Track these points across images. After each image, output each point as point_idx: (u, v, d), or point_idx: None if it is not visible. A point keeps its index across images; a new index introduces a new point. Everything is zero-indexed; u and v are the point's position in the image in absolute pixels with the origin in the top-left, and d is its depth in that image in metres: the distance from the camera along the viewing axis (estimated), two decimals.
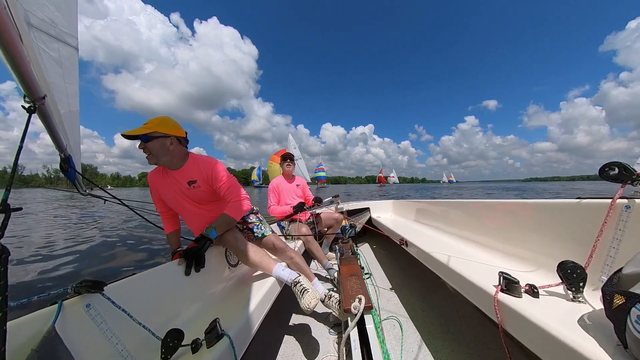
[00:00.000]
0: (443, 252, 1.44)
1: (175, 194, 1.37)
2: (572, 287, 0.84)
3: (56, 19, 1.16)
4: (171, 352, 0.82)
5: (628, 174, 0.89)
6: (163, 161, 1.29)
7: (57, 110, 1.27)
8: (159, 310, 1.04)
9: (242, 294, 1.35)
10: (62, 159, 1.44)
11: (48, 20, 1.13)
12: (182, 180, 1.34)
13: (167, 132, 1.25)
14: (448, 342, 1.38)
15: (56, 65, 1.24)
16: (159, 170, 1.38)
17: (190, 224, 1.48)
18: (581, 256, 0.95)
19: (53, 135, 1.24)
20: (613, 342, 0.62)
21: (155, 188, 1.41)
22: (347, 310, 1.09)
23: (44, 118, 1.10)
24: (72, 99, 1.40)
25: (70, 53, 1.29)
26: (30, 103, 0.94)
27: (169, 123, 1.29)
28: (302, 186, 2.89)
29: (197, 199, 1.40)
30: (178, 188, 1.36)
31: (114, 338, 0.84)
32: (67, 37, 1.24)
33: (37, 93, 0.94)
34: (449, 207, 2.18)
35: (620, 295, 0.58)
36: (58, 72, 1.26)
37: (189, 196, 1.38)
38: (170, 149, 1.26)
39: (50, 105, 1.11)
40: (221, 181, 1.37)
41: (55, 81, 1.25)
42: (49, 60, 1.19)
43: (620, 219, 0.93)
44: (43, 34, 1.13)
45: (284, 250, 1.59)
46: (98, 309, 0.83)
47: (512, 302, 0.84)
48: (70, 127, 1.44)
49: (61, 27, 1.20)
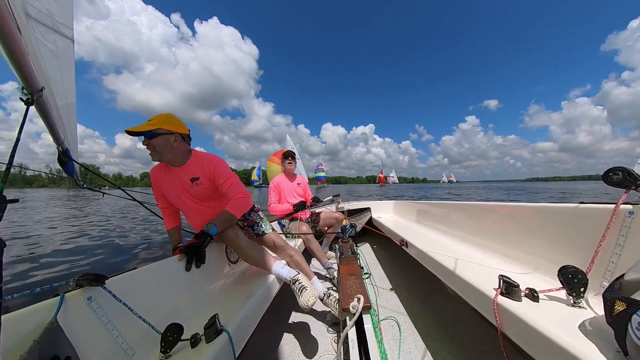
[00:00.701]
0: (443, 254, 1.43)
1: (177, 191, 1.38)
2: (572, 292, 0.83)
3: (52, 9, 1.14)
4: (171, 346, 0.82)
5: (632, 180, 0.88)
6: (167, 158, 1.29)
7: (55, 102, 1.26)
8: (159, 305, 1.05)
9: (241, 290, 1.35)
10: (60, 152, 1.45)
11: (45, 11, 1.10)
12: (184, 177, 1.35)
13: (172, 129, 1.26)
14: (446, 344, 1.38)
15: (53, 57, 1.22)
16: (161, 167, 1.38)
17: (192, 220, 1.49)
18: (582, 261, 0.94)
19: (51, 128, 1.23)
20: (613, 349, 0.61)
21: (157, 184, 1.42)
22: (345, 309, 1.09)
23: (42, 110, 1.09)
24: (69, 91, 1.39)
25: (66, 44, 1.27)
26: (28, 95, 0.92)
27: (173, 120, 1.29)
28: (303, 185, 2.87)
29: (199, 196, 1.40)
30: (180, 185, 1.36)
31: (115, 331, 0.84)
32: (63, 28, 1.21)
33: (35, 85, 0.92)
34: (450, 208, 2.18)
35: (622, 302, 0.58)
36: (55, 64, 1.24)
37: (191, 193, 1.39)
38: (174, 145, 1.27)
39: (49, 97, 1.10)
40: (223, 178, 1.37)
41: (52, 73, 1.23)
42: (46, 51, 1.17)
43: (623, 225, 0.92)
44: (40, 25, 1.09)
45: (284, 248, 1.59)
46: (99, 302, 0.84)
47: (511, 305, 0.84)
48: (67, 120, 1.44)
49: (57, 18, 1.17)
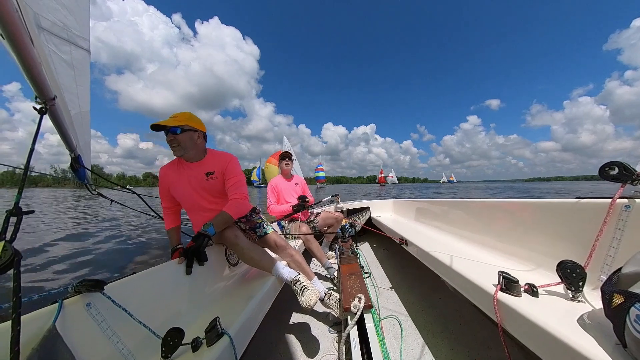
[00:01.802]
0: (443, 252, 1.44)
1: (190, 187, 1.41)
2: (571, 286, 0.84)
3: (69, 22, 1.19)
4: (171, 350, 0.82)
5: (628, 174, 0.88)
6: (189, 154, 1.37)
7: (67, 111, 1.29)
8: (159, 309, 1.04)
9: (242, 292, 1.35)
10: (73, 159, 1.47)
11: (60, 24, 1.15)
12: (200, 171, 1.41)
13: (196, 127, 1.36)
14: (447, 341, 1.38)
15: (67, 67, 1.27)
16: (174, 164, 1.43)
17: (197, 218, 1.50)
18: (581, 256, 0.95)
19: (63, 136, 1.26)
20: (612, 342, 0.62)
21: (167, 182, 1.44)
22: (346, 309, 1.09)
23: (55, 119, 1.11)
24: (83, 100, 1.43)
25: (82, 55, 1.32)
26: (42, 104, 0.95)
27: (197, 119, 1.40)
28: (302, 185, 2.87)
29: (212, 191, 1.45)
30: (195, 180, 1.41)
31: (115, 337, 0.84)
32: (79, 40, 1.27)
33: (48, 94, 0.95)
34: (449, 206, 2.18)
35: (620, 295, 0.58)
36: (70, 74, 1.29)
37: (205, 188, 1.43)
38: (197, 142, 1.37)
39: (61, 106, 1.13)
40: (232, 175, 1.44)
41: (66, 83, 1.28)
42: (60, 62, 1.22)
43: (620, 219, 0.93)
44: (54, 36, 1.15)
45: (284, 248, 1.59)
46: (98, 308, 0.83)
47: (511, 301, 0.84)
48: (80, 128, 1.47)
49: (73, 30, 1.22)
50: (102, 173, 7.08)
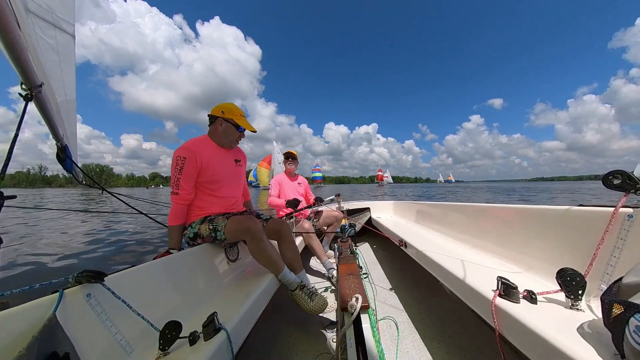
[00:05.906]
0: (442, 255, 1.43)
1: (225, 165, 1.56)
2: (571, 294, 0.83)
3: (54, 5, 1.13)
4: (169, 343, 0.82)
5: (632, 183, 0.88)
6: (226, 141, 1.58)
7: (54, 98, 1.25)
8: (158, 302, 1.05)
9: (240, 289, 1.36)
10: (59, 148, 1.44)
11: (45, 7, 1.09)
12: (231, 158, 1.62)
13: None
14: (444, 344, 1.38)
15: (52, 52, 1.21)
16: (206, 142, 1.50)
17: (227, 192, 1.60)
18: (581, 264, 0.95)
19: (50, 124, 1.22)
20: (610, 352, 0.61)
21: (202, 157, 1.38)
22: (343, 308, 1.09)
23: (41, 106, 1.08)
24: (69, 87, 1.38)
25: (66, 40, 1.26)
26: (27, 91, 0.92)
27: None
28: (304, 186, 3.00)
29: (238, 176, 1.68)
30: (228, 162, 1.59)
31: (113, 328, 0.85)
32: (63, 24, 1.21)
33: (34, 80, 0.91)
34: (449, 209, 2.18)
35: (619, 305, 0.58)
36: (54, 60, 1.23)
37: (234, 172, 1.63)
38: None
39: (48, 93, 1.09)
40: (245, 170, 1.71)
41: (51, 69, 1.22)
42: (45, 47, 1.16)
43: (622, 228, 0.92)
44: (40, 20, 1.09)
45: (287, 233, 1.58)
46: (98, 299, 0.84)
47: (509, 307, 0.84)
48: (66, 116, 1.43)
49: (58, 14, 1.17)
50: (110, 175, 6.82)
